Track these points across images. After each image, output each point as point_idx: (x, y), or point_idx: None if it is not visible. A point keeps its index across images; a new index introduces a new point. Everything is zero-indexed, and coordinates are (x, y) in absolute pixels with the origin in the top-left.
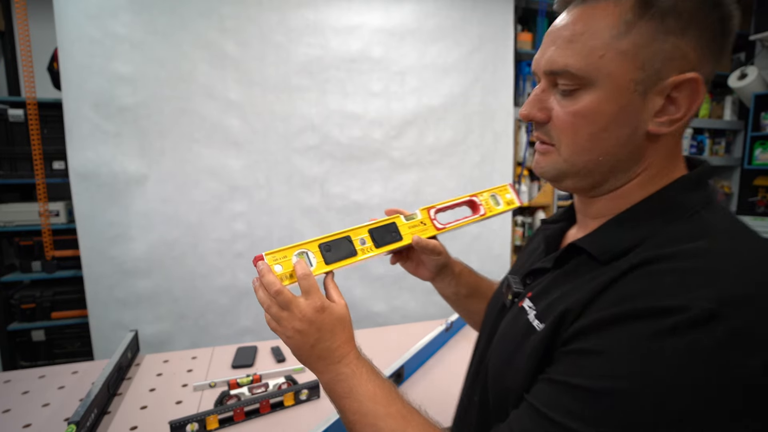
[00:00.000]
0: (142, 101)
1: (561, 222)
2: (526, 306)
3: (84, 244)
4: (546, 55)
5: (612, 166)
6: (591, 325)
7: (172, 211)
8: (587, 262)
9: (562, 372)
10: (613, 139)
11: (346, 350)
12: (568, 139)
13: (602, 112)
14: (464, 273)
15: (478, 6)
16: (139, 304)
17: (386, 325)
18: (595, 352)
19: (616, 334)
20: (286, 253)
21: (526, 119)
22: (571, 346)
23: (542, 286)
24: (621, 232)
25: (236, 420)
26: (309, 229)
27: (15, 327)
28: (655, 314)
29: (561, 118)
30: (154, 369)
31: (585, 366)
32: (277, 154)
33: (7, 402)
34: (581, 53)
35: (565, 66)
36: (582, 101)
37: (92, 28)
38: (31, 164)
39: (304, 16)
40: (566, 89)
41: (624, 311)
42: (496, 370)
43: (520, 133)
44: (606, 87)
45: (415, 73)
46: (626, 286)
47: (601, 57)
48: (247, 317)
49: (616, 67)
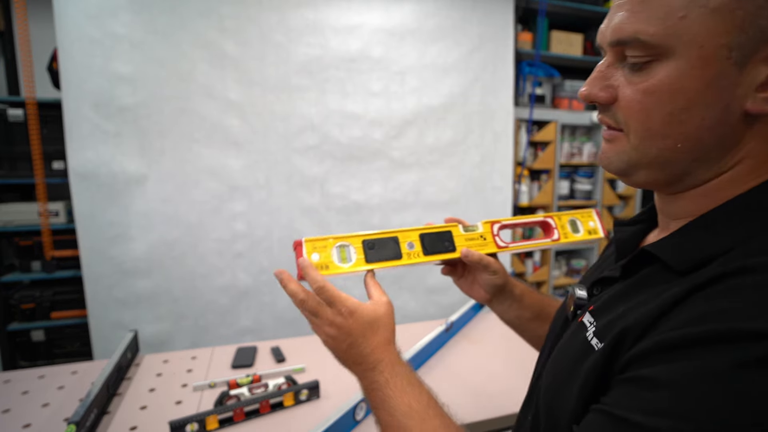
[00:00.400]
0: (142, 101)
1: (639, 224)
2: (586, 321)
3: (84, 244)
4: (612, 23)
5: (695, 154)
6: (656, 347)
7: (172, 211)
8: (661, 272)
9: (618, 404)
10: (696, 120)
11: (381, 355)
12: (638, 123)
13: (682, 89)
14: (526, 294)
15: (478, 6)
16: (138, 304)
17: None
18: (659, 382)
19: (687, 361)
20: (326, 244)
21: (587, 100)
22: (630, 373)
23: (606, 298)
24: (704, 237)
25: (236, 420)
26: (309, 229)
27: (15, 327)
28: (735, 339)
29: (629, 97)
30: (154, 369)
31: (646, 399)
32: (277, 154)
33: (7, 402)
34: (656, 15)
35: (635, 33)
36: (656, 76)
37: (92, 27)
38: (30, 164)
39: (304, 16)
40: (636, 62)
41: (698, 333)
42: (549, 391)
43: (520, 133)
44: (688, 56)
45: (415, 73)
46: (701, 303)
47: (683, 18)
48: (247, 317)
49: (702, 29)
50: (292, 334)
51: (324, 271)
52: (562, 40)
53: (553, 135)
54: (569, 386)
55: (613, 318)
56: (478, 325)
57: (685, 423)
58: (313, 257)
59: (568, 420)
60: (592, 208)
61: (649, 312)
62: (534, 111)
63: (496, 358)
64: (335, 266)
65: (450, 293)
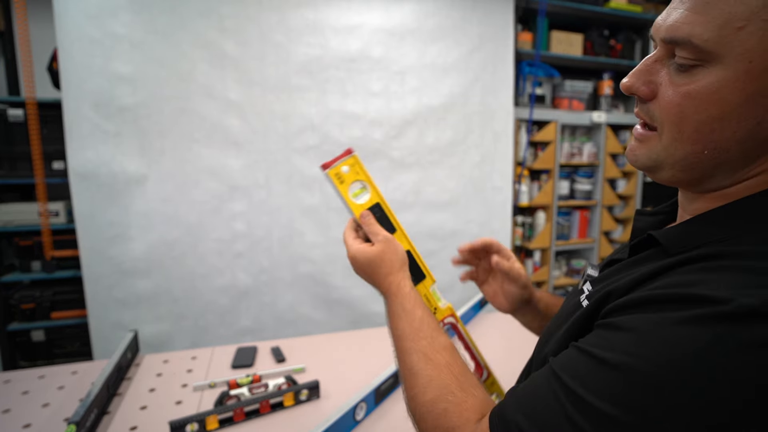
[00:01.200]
0: (142, 101)
1: (660, 215)
2: (585, 288)
3: (83, 244)
4: (670, 19)
5: (719, 162)
6: (627, 303)
7: (171, 211)
8: (657, 254)
9: (588, 342)
10: (728, 132)
11: (385, 288)
12: (672, 125)
13: (722, 99)
14: (550, 306)
15: (478, 6)
16: (138, 305)
17: (386, 325)
18: (623, 328)
19: (647, 314)
20: (358, 172)
21: (628, 91)
22: (604, 320)
23: (607, 271)
24: (702, 228)
25: (236, 420)
26: (309, 229)
27: (15, 327)
28: (691, 301)
29: (668, 97)
30: (154, 369)
31: (609, 339)
32: (276, 154)
33: (7, 402)
34: (715, 21)
35: (689, 35)
36: (699, 81)
37: (92, 27)
38: (30, 164)
39: (304, 16)
40: (683, 63)
41: (662, 294)
42: (541, 341)
43: (520, 133)
44: (735, 68)
45: (415, 73)
46: (676, 276)
47: (740, 29)
48: (247, 317)
49: (757, 44)
50: (292, 334)
51: (338, 183)
52: (562, 40)
53: (553, 135)
54: (557, 336)
55: (604, 284)
56: (478, 325)
57: (634, 359)
58: (344, 169)
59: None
60: None
61: (632, 279)
62: (534, 111)
63: (496, 357)
64: (345, 189)
65: (450, 294)
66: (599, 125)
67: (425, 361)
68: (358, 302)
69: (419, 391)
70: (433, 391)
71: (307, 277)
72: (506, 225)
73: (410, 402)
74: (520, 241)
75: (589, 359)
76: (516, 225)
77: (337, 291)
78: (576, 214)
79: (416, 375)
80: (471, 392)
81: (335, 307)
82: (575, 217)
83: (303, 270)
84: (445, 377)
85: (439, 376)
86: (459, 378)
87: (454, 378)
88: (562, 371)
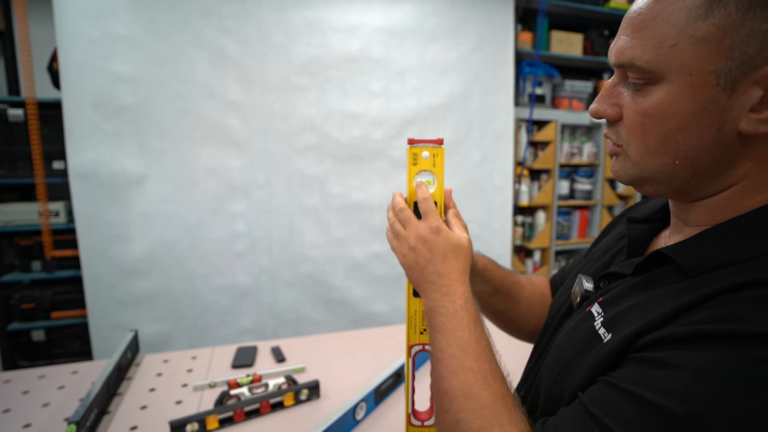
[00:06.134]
0: (142, 101)
1: (651, 222)
2: (594, 311)
3: (84, 244)
4: (616, 46)
5: (694, 171)
6: (672, 337)
7: (171, 211)
8: (673, 273)
9: (625, 378)
10: (691, 141)
11: (455, 284)
12: (637, 142)
13: (675, 112)
14: (489, 268)
15: (478, 6)
16: (138, 305)
17: (386, 325)
18: (671, 365)
19: (702, 351)
20: (436, 162)
21: (596, 116)
22: (642, 354)
23: (616, 291)
24: (719, 246)
25: (236, 420)
26: (309, 229)
27: (15, 327)
28: (757, 339)
29: (629, 117)
30: (154, 369)
31: (654, 377)
32: (276, 154)
33: (7, 402)
34: (650, 43)
35: (632, 59)
36: (651, 98)
37: (92, 27)
38: (30, 164)
39: (304, 16)
40: (636, 83)
41: (718, 330)
42: (551, 373)
43: (521, 133)
44: (679, 82)
45: (415, 73)
46: (724, 307)
47: (673, 47)
48: (247, 317)
49: (691, 57)
50: (292, 334)
51: (411, 162)
52: (562, 40)
53: (553, 135)
54: (574, 369)
55: (623, 310)
56: None
57: (690, 404)
58: (424, 154)
59: (573, 391)
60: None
61: (665, 312)
62: (534, 111)
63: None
64: (414, 172)
65: None
66: (599, 125)
67: (483, 386)
68: (358, 302)
69: (467, 416)
70: (483, 420)
71: (307, 277)
72: (506, 225)
73: (453, 423)
74: (520, 240)
75: (631, 398)
76: (516, 225)
77: (337, 291)
78: (576, 214)
79: (469, 397)
80: (519, 426)
81: (335, 307)
82: (575, 216)
83: (303, 270)
84: (499, 408)
85: (493, 405)
86: (512, 411)
87: (507, 411)
88: (599, 409)
